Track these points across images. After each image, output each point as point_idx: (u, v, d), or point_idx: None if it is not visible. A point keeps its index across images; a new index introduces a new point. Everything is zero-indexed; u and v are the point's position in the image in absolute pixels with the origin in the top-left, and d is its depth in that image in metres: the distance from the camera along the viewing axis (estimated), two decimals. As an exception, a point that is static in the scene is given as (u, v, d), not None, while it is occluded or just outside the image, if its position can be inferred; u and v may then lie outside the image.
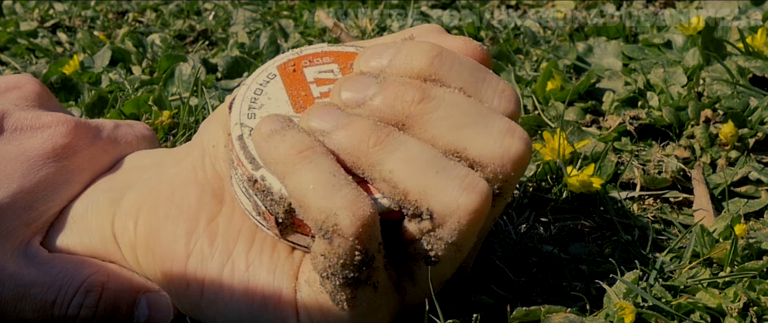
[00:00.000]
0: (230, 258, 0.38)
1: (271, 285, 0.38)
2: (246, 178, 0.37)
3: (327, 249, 0.35)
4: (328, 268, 0.35)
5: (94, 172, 0.44)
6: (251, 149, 0.37)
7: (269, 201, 0.36)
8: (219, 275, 0.38)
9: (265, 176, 0.36)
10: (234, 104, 0.39)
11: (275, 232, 0.37)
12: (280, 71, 0.40)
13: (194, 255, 0.39)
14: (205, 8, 1.13)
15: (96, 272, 0.41)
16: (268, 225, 0.38)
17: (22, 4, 1.19)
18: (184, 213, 0.39)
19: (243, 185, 0.38)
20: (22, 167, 0.41)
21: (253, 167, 0.37)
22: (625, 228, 0.52)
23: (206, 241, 0.39)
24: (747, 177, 0.57)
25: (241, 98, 0.39)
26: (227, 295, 0.38)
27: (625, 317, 0.40)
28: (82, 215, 0.42)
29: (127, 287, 0.41)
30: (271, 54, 0.89)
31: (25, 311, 0.40)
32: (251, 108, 0.38)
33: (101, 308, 0.40)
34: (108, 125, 0.47)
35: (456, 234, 0.36)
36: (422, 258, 0.37)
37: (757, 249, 0.46)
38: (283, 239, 0.38)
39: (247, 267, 0.38)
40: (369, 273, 0.36)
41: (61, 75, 0.77)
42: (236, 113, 0.38)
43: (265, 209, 0.37)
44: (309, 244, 0.37)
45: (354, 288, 0.36)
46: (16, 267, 0.40)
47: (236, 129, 0.38)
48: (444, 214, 0.35)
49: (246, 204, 0.38)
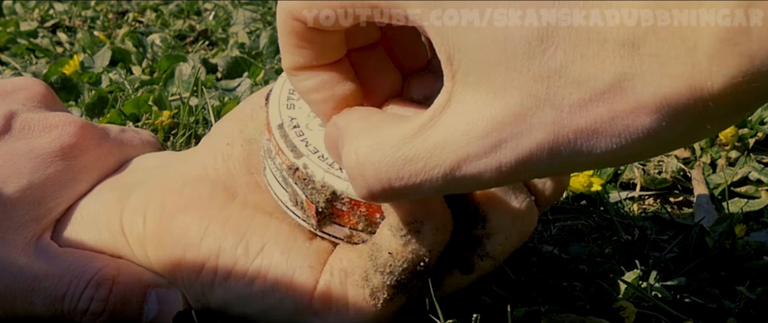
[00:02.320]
0: (244, 239, 0.38)
1: (285, 265, 0.38)
2: (286, 167, 0.37)
3: (398, 248, 0.35)
4: (389, 266, 0.35)
5: (100, 172, 0.45)
6: (292, 137, 0.37)
7: (310, 190, 0.37)
8: (233, 255, 0.38)
9: (307, 164, 0.37)
10: (271, 96, 0.39)
11: (313, 222, 0.37)
12: None
13: (207, 238, 0.39)
14: (205, 8, 1.13)
15: (106, 266, 0.41)
16: (304, 215, 0.38)
17: (22, 4, 1.19)
18: (195, 204, 0.40)
19: (281, 175, 0.38)
20: (32, 163, 0.42)
21: (295, 155, 0.37)
22: (625, 228, 0.52)
23: (219, 225, 0.39)
24: (747, 177, 0.57)
25: (279, 90, 0.39)
26: (240, 275, 0.38)
27: (625, 317, 0.40)
28: (90, 211, 0.43)
29: (137, 281, 0.41)
30: (271, 54, 0.89)
31: (36, 304, 0.40)
32: (290, 99, 0.39)
33: (111, 302, 0.40)
34: (114, 128, 0.48)
35: (500, 249, 0.37)
36: (459, 266, 0.37)
37: (757, 248, 0.47)
38: (319, 230, 0.38)
39: (261, 247, 0.38)
40: (417, 282, 0.36)
41: (61, 75, 0.77)
42: (275, 104, 0.39)
43: (306, 197, 0.37)
44: (345, 235, 0.37)
45: (397, 291, 0.36)
46: (26, 261, 0.40)
47: (276, 119, 0.38)
48: (498, 226, 0.36)
49: (281, 195, 0.39)
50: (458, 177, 0.28)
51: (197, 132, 0.64)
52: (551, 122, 0.26)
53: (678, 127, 0.25)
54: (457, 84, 0.27)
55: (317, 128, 0.38)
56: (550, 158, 0.26)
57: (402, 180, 0.29)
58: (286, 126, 0.38)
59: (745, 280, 0.44)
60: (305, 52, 0.33)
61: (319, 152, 0.37)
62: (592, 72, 0.25)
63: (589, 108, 0.25)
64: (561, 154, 0.26)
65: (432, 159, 0.28)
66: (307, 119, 0.38)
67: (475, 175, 0.28)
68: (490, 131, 0.27)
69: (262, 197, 0.40)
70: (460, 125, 0.27)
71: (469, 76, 0.27)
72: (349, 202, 0.36)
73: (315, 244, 0.39)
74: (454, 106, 0.28)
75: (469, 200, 0.36)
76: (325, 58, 0.33)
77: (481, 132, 0.27)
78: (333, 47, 0.33)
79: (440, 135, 0.28)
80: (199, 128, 0.65)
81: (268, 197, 0.40)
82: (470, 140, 0.27)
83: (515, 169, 0.27)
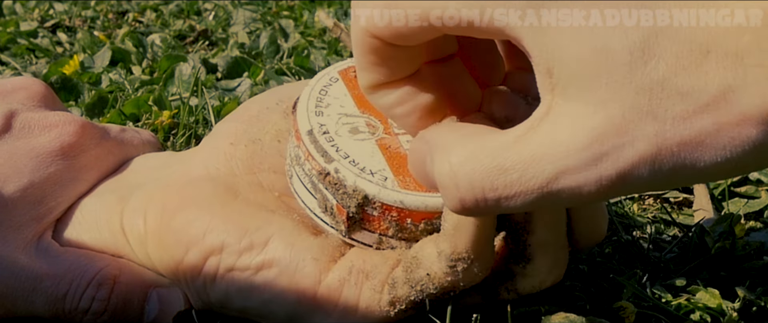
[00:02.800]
0: (247, 234, 0.38)
1: (288, 258, 0.38)
2: (316, 172, 0.38)
3: (439, 274, 0.35)
4: (421, 285, 0.36)
5: (100, 171, 0.45)
6: (322, 143, 0.38)
7: (341, 194, 0.37)
8: (236, 248, 0.38)
9: (338, 168, 0.37)
10: (299, 104, 0.40)
11: (342, 228, 0.38)
12: (342, 76, 0.42)
13: (210, 233, 0.39)
14: (205, 8, 1.13)
15: (108, 265, 0.41)
16: (334, 222, 0.38)
17: (22, 4, 1.19)
18: (197, 202, 0.40)
19: (310, 181, 0.38)
20: (32, 162, 0.42)
21: (326, 160, 0.37)
22: (625, 228, 0.52)
23: (221, 221, 0.39)
24: (747, 177, 0.57)
25: (307, 98, 0.40)
26: (243, 268, 0.38)
27: (625, 317, 0.40)
28: (90, 211, 0.43)
29: (138, 281, 0.41)
30: (271, 54, 0.89)
31: (37, 303, 0.40)
32: (318, 106, 0.40)
33: (113, 301, 0.40)
34: (115, 128, 0.47)
35: (528, 288, 0.37)
36: (484, 293, 0.38)
37: (757, 248, 0.47)
38: (348, 237, 0.38)
39: (265, 240, 0.38)
40: (437, 302, 0.37)
41: (61, 75, 0.77)
42: (303, 112, 0.39)
43: (336, 202, 0.37)
44: (374, 242, 0.37)
45: (417, 305, 0.36)
46: (28, 260, 0.40)
47: (305, 125, 0.39)
48: (537, 270, 0.37)
49: (309, 202, 0.39)
50: (555, 191, 0.27)
51: (197, 132, 0.64)
52: (654, 134, 0.25)
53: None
54: (557, 97, 0.27)
55: (346, 134, 0.38)
56: (652, 171, 0.26)
57: (496, 191, 0.28)
58: (316, 132, 0.38)
59: (745, 280, 0.44)
60: (383, 69, 0.32)
61: (350, 157, 0.37)
62: (695, 84, 0.25)
63: (693, 120, 0.25)
64: (663, 167, 0.26)
65: (528, 170, 0.27)
66: (336, 125, 0.39)
67: (573, 188, 0.27)
68: (590, 144, 0.26)
69: (264, 196, 0.40)
70: (560, 136, 0.27)
71: (569, 89, 0.26)
72: (381, 206, 0.36)
73: (320, 238, 0.39)
74: (553, 118, 0.27)
75: (523, 239, 0.37)
76: (403, 71, 0.33)
77: (581, 144, 0.26)
78: (410, 60, 0.32)
79: (538, 146, 0.27)
80: (199, 128, 0.65)
81: (270, 196, 0.40)
82: (570, 152, 0.26)
83: (615, 183, 0.26)
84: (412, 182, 0.36)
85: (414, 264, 0.36)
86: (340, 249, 0.38)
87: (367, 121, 0.39)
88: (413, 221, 0.36)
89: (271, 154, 0.42)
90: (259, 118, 0.43)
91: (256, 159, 0.42)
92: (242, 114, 0.44)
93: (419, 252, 0.36)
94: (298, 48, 0.92)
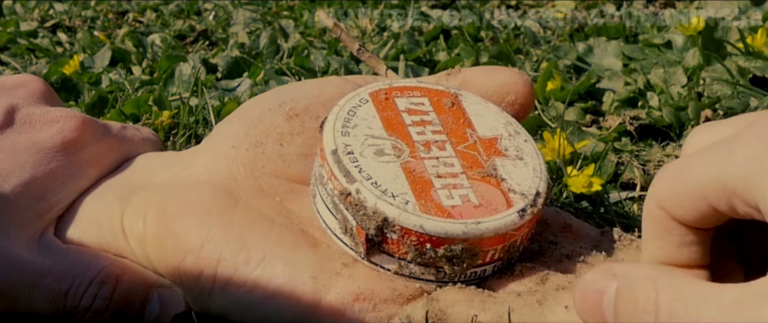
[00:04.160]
0: (245, 247, 0.38)
1: (286, 276, 0.37)
2: (338, 192, 0.37)
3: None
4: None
5: (101, 168, 0.44)
6: (346, 163, 0.38)
7: (362, 216, 0.36)
8: (233, 263, 0.38)
9: (360, 189, 0.37)
10: (326, 123, 0.40)
11: (361, 250, 0.37)
12: (372, 98, 0.42)
13: (207, 243, 0.38)
14: (205, 8, 1.14)
15: (110, 264, 0.41)
16: (353, 243, 0.38)
17: (22, 4, 1.19)
18: (196, 209, 0.39)
19: (331, 201, 0.38)
20: (34, 157, 0.42)
21: (348, 180, 0.37)
22: (625, 228, 0.52)
23: (219, 231, 0.39)
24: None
25: (334, 117, 0.40)
26: (240, 284, 0.38)
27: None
28: (92, 209, 0.42)
29: (140, 281, 0.41)
30: (271, 54, 0.89)
31: (38, 300, 0.40)
32: (345, 127, 0.39)
33: (115, 300, 0.40)
34: (115, 125, 0.47)
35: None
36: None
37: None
38: (367, 260, 0.38)
39: (262, 256, 0.38)
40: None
41: (61, 75, 0.77)
42: (330, 131, 0.39)
43: (356, 223, 0.37)
44: (393, 268, 0.37)
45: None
46: (30, 256, 0.40)
47: (330, 144, 0.38)
48: None
49: (330, 223, 0.39)
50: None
51: (197, 132, 0.64)
52: None
53: None
54: None
55: (371, 156, 0.38)
56: None
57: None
58: (340, 152, 0.38)
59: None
60: (664, 244, 0.31)
61: (372, 179, 0.37)
62: None
63: None
64: None
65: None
66: (361, 147, 0.38)
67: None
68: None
69: (265, 203, 0.40)
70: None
71: None
72: (400, 230, 0.36)
73: (319, 253, 0.38)
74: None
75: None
76: (682, 256, 0.31)
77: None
78: (693, 246, 0.31)
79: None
80: (199, 128, 0.65)
81: (271, 201, 0.40)
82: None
83: None
84: (433, 207, 0.36)
85: (440, 316, 0.35)
86: (342, 260, 0.38)
87: (394, 144, 0.39)
88: (433, 246, 0.36)
89: (272, 158, 0.42)
90: (261, 120, 0.43)
91: (258, 163, 0.41)
92: (244, 115, 0.43)
93: (446, 305, 0.36)
94: (298, 48, 0.92)
